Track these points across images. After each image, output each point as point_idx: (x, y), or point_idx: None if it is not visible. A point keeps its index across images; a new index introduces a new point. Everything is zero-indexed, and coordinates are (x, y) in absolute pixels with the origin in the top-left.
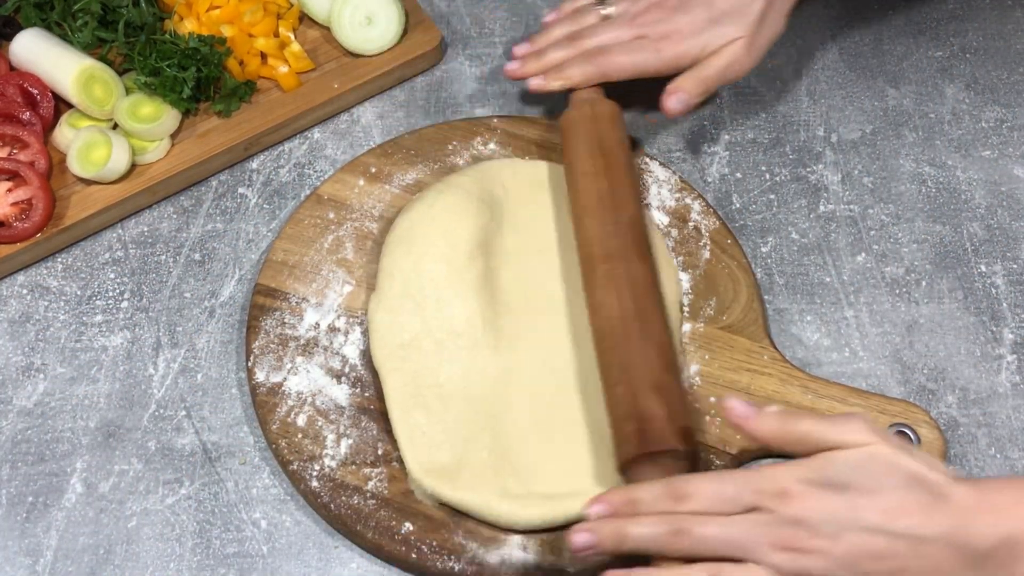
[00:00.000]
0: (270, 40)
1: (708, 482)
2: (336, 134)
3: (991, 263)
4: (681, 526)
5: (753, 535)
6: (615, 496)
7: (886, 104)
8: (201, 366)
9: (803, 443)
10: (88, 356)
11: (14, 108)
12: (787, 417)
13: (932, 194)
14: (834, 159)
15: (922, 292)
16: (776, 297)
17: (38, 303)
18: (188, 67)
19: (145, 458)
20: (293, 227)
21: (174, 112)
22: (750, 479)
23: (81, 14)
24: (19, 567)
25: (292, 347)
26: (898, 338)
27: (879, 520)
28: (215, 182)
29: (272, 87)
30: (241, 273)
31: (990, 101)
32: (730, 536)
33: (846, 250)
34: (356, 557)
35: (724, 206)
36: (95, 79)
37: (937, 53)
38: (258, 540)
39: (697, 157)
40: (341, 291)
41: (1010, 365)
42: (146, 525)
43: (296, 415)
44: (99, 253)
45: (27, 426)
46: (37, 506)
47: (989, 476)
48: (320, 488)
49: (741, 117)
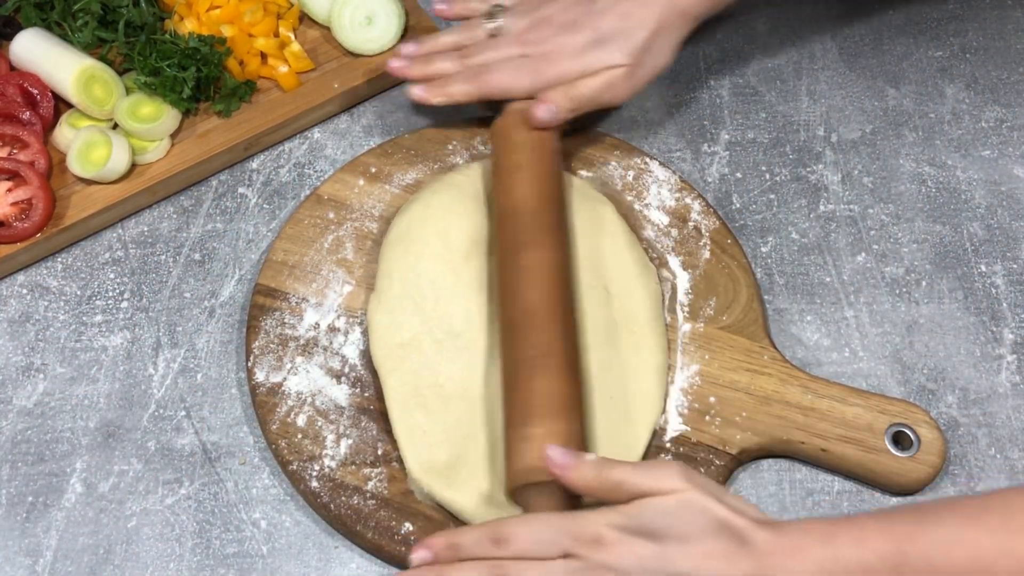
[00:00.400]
0: (270, 40)
1: (526, 527)
2: (336, 134)
3: (991, 263)
4: (501, 571)
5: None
6: (437, 541)
7: (886, 104)
8: (201, 366)
9: (618, 491)
10: (88, 356)
11: (14, 108)
12: (602, 466)
13: (932, 194)
14: (834, 159)
15: (922, 292)
16: (776, 297)
17: (38, 303)
18: (188, 67)
19: (145, 458)
20: (293, 227)
21: (174, 112)
22: (567, 524)
23: (81, 14)
24: (19, 567)
25: (292, 347)
26: (898, 338)
27: (687, 567)
28: (215, 182)
29: (272, 87)
30: (241, 273)
31: (990, 101)
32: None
33: (846, 250)
34: (356, 557)
35: (724, 206)
36: (95, 79)
37: (937, 53)
38: (258, 540)
39: (697, 157)
40: (341, 291)
41: (1010, 365)
42: (146, 525)
43: (296, 415)
44: (99, 253)
45: (27, 426)
46: (37, 506)
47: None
48: (320, 488)
49: (741, 117)
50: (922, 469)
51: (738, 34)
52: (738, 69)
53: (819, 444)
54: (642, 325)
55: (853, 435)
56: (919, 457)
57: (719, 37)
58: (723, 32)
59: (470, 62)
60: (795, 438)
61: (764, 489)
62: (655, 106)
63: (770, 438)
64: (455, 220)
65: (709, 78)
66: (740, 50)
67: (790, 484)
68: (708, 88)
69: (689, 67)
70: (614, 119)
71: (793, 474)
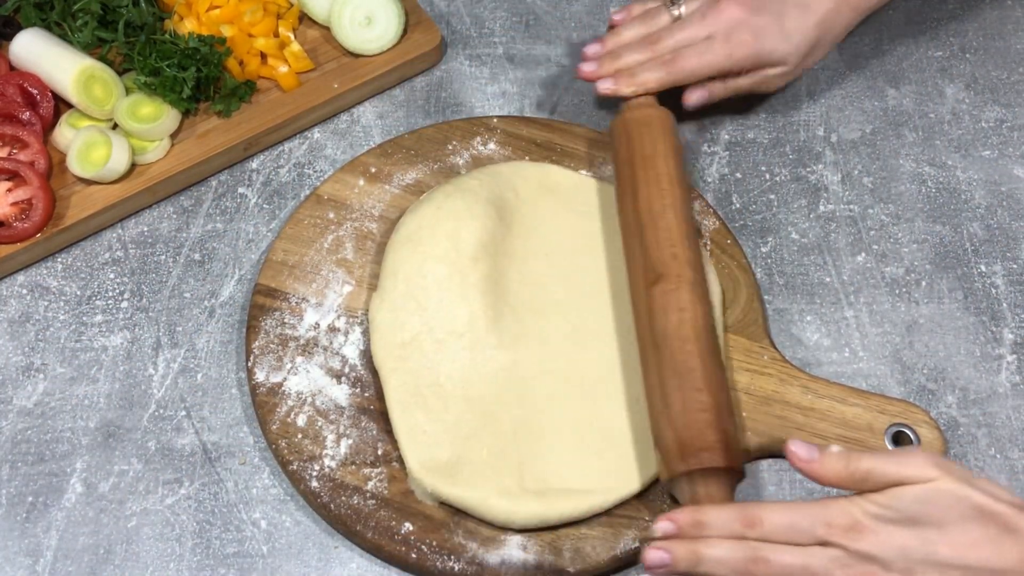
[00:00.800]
0: (270, 40)
1: (780, 511)
2: (336, 134)
3: (991, 263)
4: (759, 553)
5: (829, 568)
6: (682, 516)
7: (886, 104)
8: (201, 366)
9: (868, 481)
10: (88, 356)
11: (14, 108)
12: (850, 457)
13: (932, 194)
14: (834, 159)
15: (922, 292)
16: (776, 297)
17: (38, 303)
18: (188, 67)
19: (145, 458)
20: (293, 227)
21: (174, 112)
22: (821, 512)
23: (81, 14)
24: (19, 567)
25: (292, 347)
26: (898, 338)
27: (950, 555)
28: (215, 182)
29: (272, 87)
30: (241, 273)
31: (990, 101)
32: (808, 566)
33: (846, 250)
34: (356, 557)
35: (724, 206)
36: (95, 79)
37: (937, 53)
38: (258, 540)
39: (697, 157)
40: (341, 291)
41: (1010, 365)
42: (146, 525)
43: (296, 415)
44: (99, 253)
45: (27, 426)
46: (37, 506)
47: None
48: (320, 488)
49: (741, 117)
50: None
51: None
52: None
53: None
54: None
55: (853, 435)
56: None
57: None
58: None
59: (659, 48)
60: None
61: (764, 489)
62: None
63: (770, 438)
64: (466, 223)
65: None
66: None
67: (790, 484)
68: None
69: None
70: None
71: (793, 474)
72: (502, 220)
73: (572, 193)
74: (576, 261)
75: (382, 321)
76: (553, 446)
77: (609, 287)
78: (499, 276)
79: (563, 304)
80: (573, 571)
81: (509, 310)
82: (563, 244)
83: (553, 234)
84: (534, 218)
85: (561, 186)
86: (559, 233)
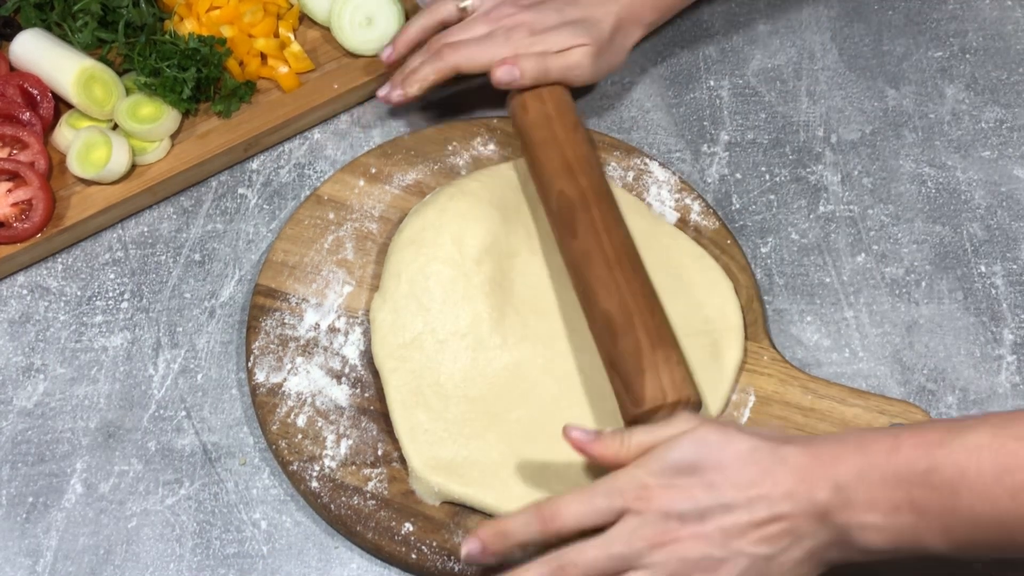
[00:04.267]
0: (270, 40)
1: (574, 500)
2: (336, 134)
3: (991, 263)
4: (564, 560)
5: (632, 544)
6: (485, 532)
7: (886, 104)
8: (201, 366)
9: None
10: (88, 356)
11: (14, 108)
12: (622, 434)
13: (932, 194)
14: (834, 159)
15: (922, 292)
16: (776, 297)
17: (38, 303)
18: (188, 67)
19: (145, 458)
20: (293, 227)
21: (174, 113)
22: (611, 485)
23: (81, 14)
24: (19, 567)
25: (292, 347)
26: (898, 338)
27: (735, 495)
28: (215, 182)
29: (272, 87)
30: (241, 273)
31: (990, 101)
32: (612, 553)
33: (846, 250)
34: (356, 557)
35: (724, 206)
36: (95, 79)
37: (937, 53)
38: (258, 540)
39: (697, 157)
40: (341, 292)
41: (1010, 365)
42: (146, 525)
43: (296, 416)
44: (99, 253)
45: (27, 426)
46: (37, 506)
47: None
48: (320, 488)
49: (741, 117)
50: None
51: (738, 34)
52: (738, 69)
53: None
54: None
55: None
56: None
57: (719, 37)
58: (723, 32)
59: (435, 45)
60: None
61: None
62: (655, 106)
63: None
64: (471, 226)
65: (709, 78)
66: (740, 50)
67: None
68: (708, 88)
69: (689, 67)
70: (614, 119)
71: None
72: (506, 221)
73: None
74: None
75: (383, 321)
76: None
77: None
78: (502, 278)
79: (568, 304)
80: None
81: (513, 311)
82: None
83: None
84: (537, 218)
85: None
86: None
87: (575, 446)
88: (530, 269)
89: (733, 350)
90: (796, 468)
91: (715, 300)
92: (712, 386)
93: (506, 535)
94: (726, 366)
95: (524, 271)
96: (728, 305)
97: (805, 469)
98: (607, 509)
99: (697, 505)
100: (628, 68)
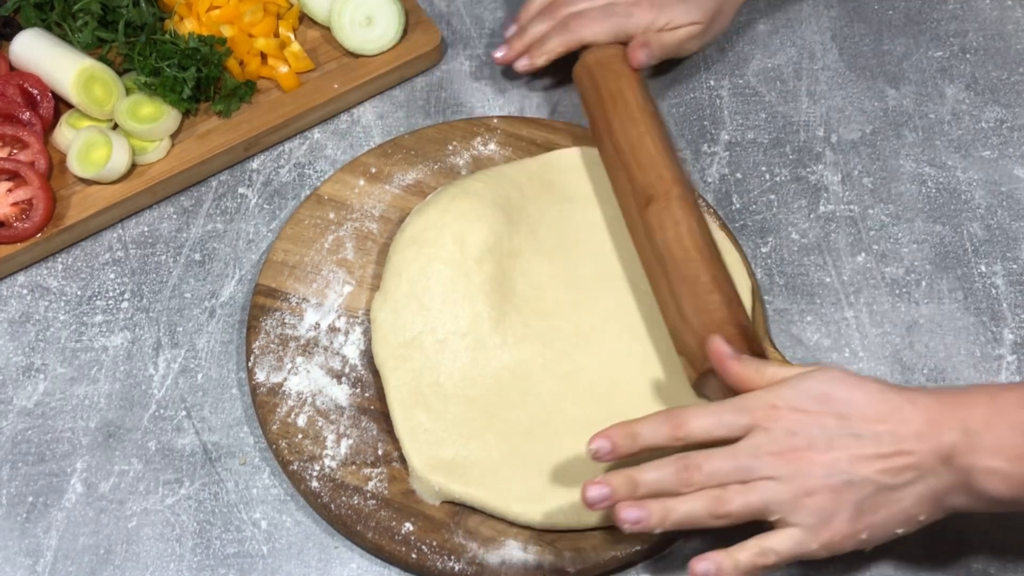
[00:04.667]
0: (270, 40)
1: (705, 410)
2: (336, 134)
3: (991, 263)
4: (690, 461)
5: (758, 457)
6: (616, 431)
7: (886, 104)
8: (201, 366)
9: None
10: (88, 356)
11: (14, 108)
12: (761, 363)
13: (932, 194)
14: (834, 159)
15: (922, 292)
16: (776, 297)
17: (38, 303)
18: (188, 67)
19: (145, 458)
20: (293, 227)
21: (174, 112)
22: (743, 404)
23: (81, 14)
24: (19, 567)
25: (292, 347)
26: (898, 338)
27: (863, 426)
28: (215, 182)
29: (272, 87)
30: (241, 273)
31: (990, 101)
32: (737, 464)
33: (846, 250)
34: (356, 557)
35: (724, 206)
36: (95, 79)
37: (937, 53)
38: (258, 540)
39: (697, 157)
40: (341, 291)
41: (1010, 365)
42: (146, 525)
43: (296, 415)
44: (99, 253)
45: (27, 426)
46: (37, 506)
47: None
48: (320, 488)
49: (741, 117)
50: None
51: (738, 34)
52: (738, 69)
53: None
54: None
55: None
56: None
57: (719, 37)
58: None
59: (562, 13)
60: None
61: None
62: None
63: None
64: (473, 226)
65: (709, 78)
66: (740, 50)
67: None
68: (708, 88)
69: (689, 67)
70: None
71: None
72: (508, 222)
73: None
74: (583, 259)
75: (384, 321)
76: (566, 447)
77: (615, 286)
78: (504, 278)
79: (569, 304)
80: (573, 571)
81: (514, 311)
82: (569, 242)
83: (559, 232)
84: (539, 217)
85: (564, 176)
86: (565, 231)
87: (715, 355)
88: (532, 269)
89: None
90: (926, 409)
91: None
92: None
93: (635, 436)
94: None
95: (526, 271)
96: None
97: (935, 411)
98: (735, 424)
99: (825, 431)
100: None
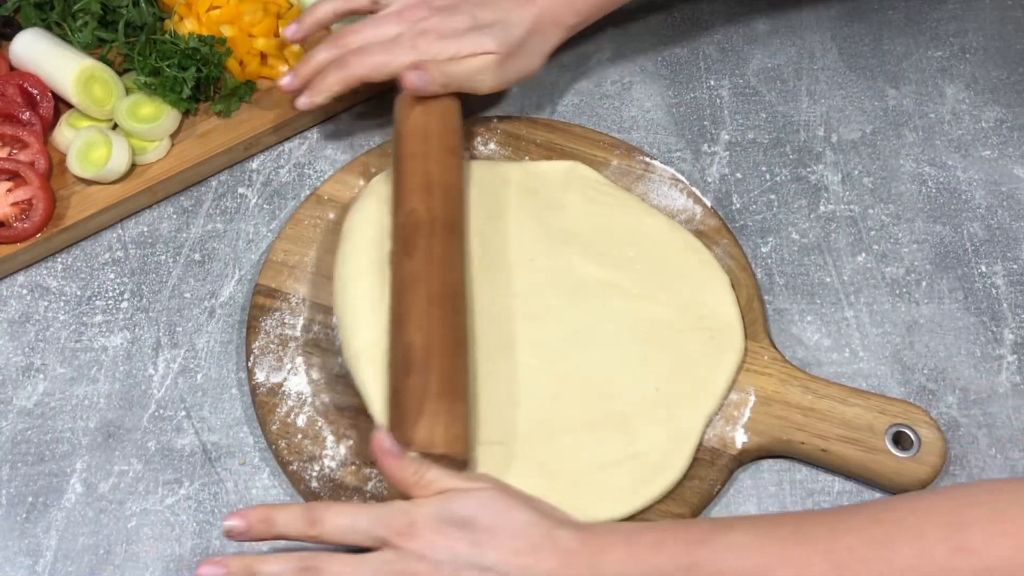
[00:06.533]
0: (270, 40)
1: (343, 512)
2: (336, 134)
3: (991, 263)
4: (311, 563)
5: (379, 570)
6: (253, 513)
7: (886, 104)
8: (201, 366)
9: (429, 488)
10: (88, 356)
11: (14, 108)
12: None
13: (932, 194)
14: (834, 159)
15: (922, 292)
16: (776, 297)
17: (38, 303)
18: (188, 67)
19: (145, 458)
20: (293, 227)
21: (174, 112)
22: (382, 514)
23: (81, 14)
24: (19, 567)
25: (292, 347)
26: (898, 338)
27: (495, 559)
28: (215, 182)
29: (272, 87)
30: (241, 273)
31: (990, 101)
32: (359, 572)
33: (846, 250)
34: None
35: (724, 206)
36: (95, 79)
37: (937, 53)
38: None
39: (697, 157)
40: None
41: (1010, 365)
42: (146, 525)
43: (296, 415)
44: (99, 253)
45: (27, 426)
46: (37, 506)
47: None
48: (320, 489)
49: (741, 117)
50: (922, 469)
51: (738, 34)
52: (738, 69)
53: (819, 444)
54: None
55: (853, 435)
56: (919, 457)
57: (719, 37)
58: (723, 32)
59: (344, 44)
60: (795, 438)
61: (764, 490)
62: (655, 106)
63: (770, 438)
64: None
65: (709, 78)
66: (740, 50)
67: (790, 484)
68: (708, 88)
69: (689, 67)
70: (614, 119)
71: (793, 474)
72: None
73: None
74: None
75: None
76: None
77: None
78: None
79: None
80: None
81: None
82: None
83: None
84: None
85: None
86: (542, 236)
87: (376, 448)
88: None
89: (731, 351)
90: (564, 551)
91: (712, 295)
92: (703, 384)
93: (271, 523)
94: (723, 362)
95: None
96: (725, 300)
97: (572, 554)
98: (369, 534)
99: (455, 557)
100: (628, 68)
